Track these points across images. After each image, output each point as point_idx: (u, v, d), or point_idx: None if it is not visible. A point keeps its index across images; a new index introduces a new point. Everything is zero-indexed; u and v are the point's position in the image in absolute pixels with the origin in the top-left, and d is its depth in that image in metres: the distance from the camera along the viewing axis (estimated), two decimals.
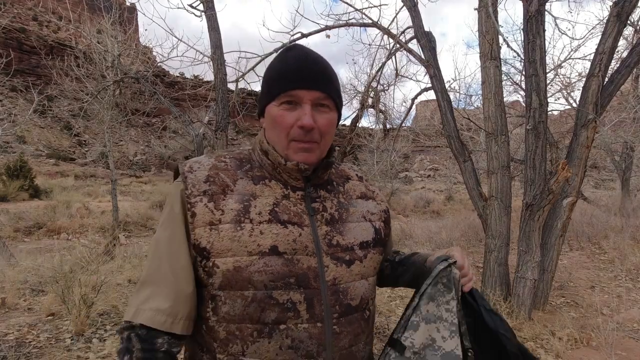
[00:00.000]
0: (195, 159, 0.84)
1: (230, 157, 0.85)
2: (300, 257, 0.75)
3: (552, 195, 3.41)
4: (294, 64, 0.78)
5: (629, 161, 10.51)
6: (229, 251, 0.72)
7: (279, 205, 0.78)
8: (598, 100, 3.44)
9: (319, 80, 0.78)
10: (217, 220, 0.74)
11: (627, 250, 5.94)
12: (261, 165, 0.83)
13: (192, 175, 0.78)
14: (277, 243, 0.74)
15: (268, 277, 0.72)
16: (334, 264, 0.78)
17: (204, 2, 4.78)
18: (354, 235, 0.83)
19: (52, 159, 37.23)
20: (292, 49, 0.82)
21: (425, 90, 5.16)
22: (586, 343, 3.09)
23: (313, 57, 0.81)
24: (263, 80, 0.84)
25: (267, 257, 0.73)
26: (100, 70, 7.54)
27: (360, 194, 0.92)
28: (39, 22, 59.32)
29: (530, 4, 3.41)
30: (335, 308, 0.77)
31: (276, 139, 0.80)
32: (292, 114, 0.77)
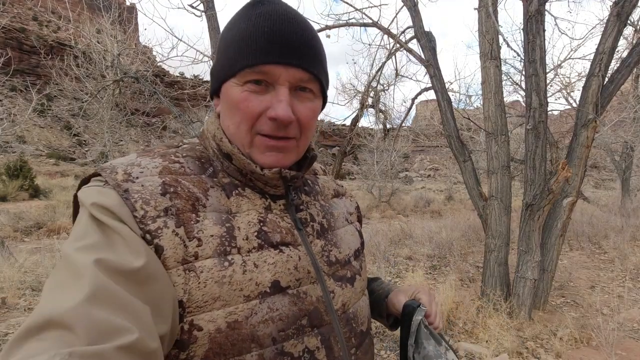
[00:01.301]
0: (128, 162, 0.54)
1: (184, 155, 0.59)
2: (307, 288, 0.57)
3: (552, 195, 3.41)
4: (267, 26, 0.54)
5: (629, 161, 10.52)
6: (216, 301, 0.49)
7: (266, 223, 0.58)
8: (598, 100, 3.44)
9: (303, 52, 0.55)
10: (193, 256, 0.50)
11: (627, 250, 5.94)
12: (223, 167, 0.60)
13: (137, 187, 0.50)
14: (278, 276, 0.55)
15: (276, 325, 0.52)
16: (338, 287, 0.62)
17: (204, 2, 4.78)
18: (347, 244, 0.68)
19: (52, 159, 37.23)
20: (262, 2, 0.56)
21: (425, 90, 5.16)
22: (586, 343, 3.09)
23: (293, 17, 0.56)
24: (219, 46, 0.59)
25: (269, 297, 0.53)
26: (100, 70, 7.54)
27: (334, 191, 0.76)
28: (39, 22, 59.35)
29: (530, 4, 3.40)
30: (351, 342, 0.62)
31: (234, 131, 0.57)
32: (261, 98, 0.55)
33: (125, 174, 0.51)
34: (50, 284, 0.43)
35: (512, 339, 3.02)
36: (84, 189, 0.52)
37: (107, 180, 0.50)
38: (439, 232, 7.61)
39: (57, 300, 0.39)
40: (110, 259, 0.43)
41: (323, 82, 0.60)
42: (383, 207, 16.32)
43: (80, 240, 0.45)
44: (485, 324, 3.31)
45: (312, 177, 0.74)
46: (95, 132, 9.75)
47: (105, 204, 0.47)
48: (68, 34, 9.30)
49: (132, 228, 0.47)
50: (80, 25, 7.93)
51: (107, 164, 0.54)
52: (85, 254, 0.43)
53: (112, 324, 0.39)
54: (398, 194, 19.04)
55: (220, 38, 0.60)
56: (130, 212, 0.48)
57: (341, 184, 0.81)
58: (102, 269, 0.42)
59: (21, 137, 39.59)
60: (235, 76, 0.55)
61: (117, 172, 0.51)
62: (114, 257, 0.44)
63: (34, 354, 0.35)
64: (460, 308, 3.59)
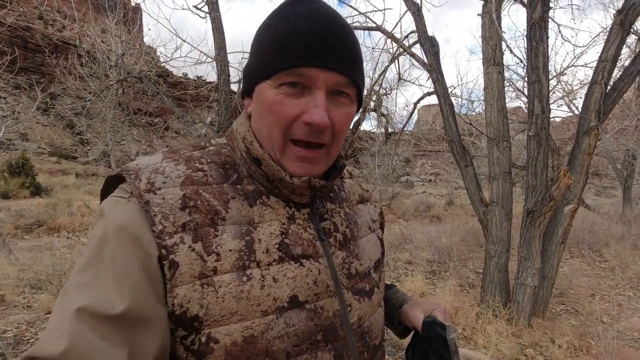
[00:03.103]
0: (153, 166, 0.54)
1: (209, 161, 0.57)
2: (324, 303, 0.56)
3: (553, 202, 3.40)
4: (306, 26, 0.51)
5: (630, 169, 10.49)
6: (233, 315, 0.50)
7: (288, 234, 0.56)
8: (600, 108, 3.44)
9: (343, 55, 0.53)
10: (212, 270, 0.50)
11: (628, 259, 5.92)
12: (250, 172, 0.58)
13: (158, 199, 0.50)
14: (297, 291, 0.54)
15: (292, 341, 0.52)
16: (356, 301, 0.61)
17: (209, 3, 4.80)
18: (368, 255, 0.66)
19: (54, 157, 37.30)
20: (302, 0, 0.54)
21: (427, 95, 5.16)
22: (586, 351, 3.07)
23: (334, 17, 0.54)
24: (254, 45, 0.57)
25: (286, 312, 0.52)
26: (104, 70, 7.58)
27: (359, 197, 0.74)
28: (44, 21, 59.68)
29: (534, 11, 3.41)
30: (363, 356, 0.61)
31: (266, 134, 0.56)
32: (296, 102, 0.53)
33: (148, 183, 0.51)
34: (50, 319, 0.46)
35: (511, 345, 3.01)
36: (110, 199, 0.52)
37: (131, 190, 0.51)
38: (439, 237, 7.59)
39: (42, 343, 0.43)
40: (93, 304, 0.45)
41: (360, 87, 0.58)
42: (383, 211, 16.29)
43: (79, 274, 0.48)
44: (485, 330, 3.30)
45: (339, 182, 0.71)
46: (98, 131, 9.77)
47: (125, 224, 0.49)
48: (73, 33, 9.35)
49: (148, 244, 0.48)
50: (85, 25, 7.97)
51: (133, 165, 0.54)
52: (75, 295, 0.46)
53: None
54: (399, 198, 19.03)
55: (255, 36, 0.58)
56: (149, 226, 0.49)
57: (366, 187, 0.78)
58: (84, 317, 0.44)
59: (24, 134, 39.73)
60: (270, 78, 0.53)
61: (141, 180, 0.51)
62: (97, 303, 0.45)
63: None
64: (459, 314, 3.58)
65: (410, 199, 20.81)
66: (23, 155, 18.21)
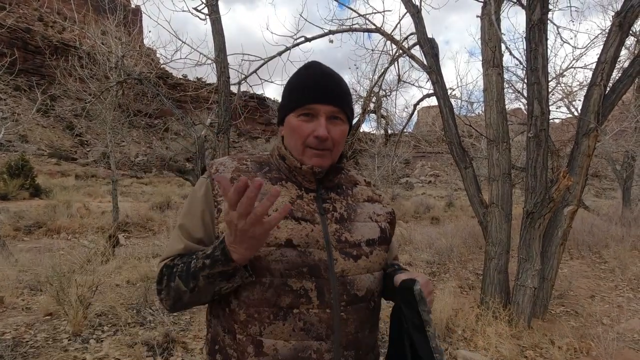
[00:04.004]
0: (221, 161, 0.94)
1: (252, 160, 0.95)
2: (312, 250, 0.83)
3: (552, 204, 3.41)
4: (312, 81, 0.88)
5: (630, 170, 10.49)
6: None
7: (294, 204, 0.87)
8: (600, 109, 3.44)
9: (334, 95, 0.88)
10: None
11: (627, 260, 5.92)
12: (278, 168, 0.93)
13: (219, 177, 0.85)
14: (292, 237, 0.83)
15: (284, 265, 0.81)
16: (342, 258, 0.86)
17: (209, 5, 4.81)
18: (361, 233, 0.92)
19: (53, 159, 37.26)
20: (310, 66, 0.92)
21: (427, 96, 5.17)
22: (586, 353, 3.07)
23: (329, 73, 0.90)
24: (284, 94, 0.94)
25: (282, 248, 0.81)
26: (104, 71, 7.58)
27: (367, 197, 1.01)
28: (44, 23, 59.71)
29: (533, 13, 3.42)
30: (343, 297, 0.85)
31: (293, 146, 0.89)
32: (309, 124, 0.87)
33: (215, 169, 0.90)
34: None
35: (511, 347, 3.00)
36: (201, 177, 0.93)
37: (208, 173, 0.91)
38: (439, 238, 7.59)
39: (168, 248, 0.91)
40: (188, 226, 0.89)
41: (348, 113, 0.91)
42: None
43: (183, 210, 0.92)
44: (484, 331, 3.29)
45: (350, 185, 1.00)
46: (98, 133, 9.76)
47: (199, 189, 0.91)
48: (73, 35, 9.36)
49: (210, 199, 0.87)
50: (86, 27, 7.98)
51: (213, 160, 0.96)
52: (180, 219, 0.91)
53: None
54: (398, 199, 19.02)
55: (285, 88, 0.93)
56: (211, 190, 0.88)
57: (380, 193, 1.05)
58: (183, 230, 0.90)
59: (24, 136, 39.68)
60: (293, 112, 0.88)
61: (213, 167, 0.91)
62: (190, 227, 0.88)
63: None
64: (459, 315, 3.58)
65: (410, 201, 20.80)
66: (23, 156, 18.20)
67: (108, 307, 3.57)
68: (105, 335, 3.13)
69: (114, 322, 3.36)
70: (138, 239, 9.50)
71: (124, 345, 2.92)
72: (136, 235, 10.35)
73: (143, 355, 2.79)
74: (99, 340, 3.03)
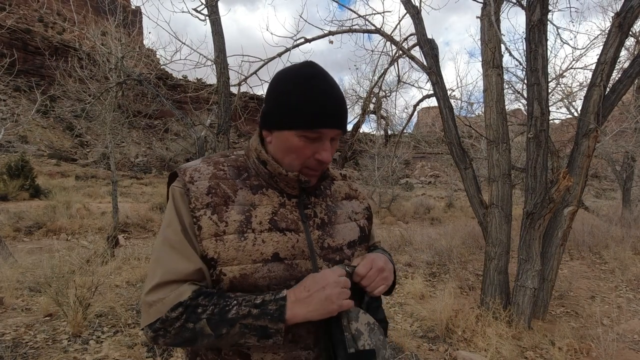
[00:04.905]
0: (194, 167, 0.85)
1: (228, 164, 0.87)
2: (299, 262, 0.81)
3: (552, 204, 3.40)
4: (322, 100, 0.78)
5: (630, 171, 10.48)
6: (234, 260, 0.77)
7: (277, 214, 0.83)
8: (599, 110, 3.44)
9: (342, 119, 0.82)
10: (222, 232, 0.78)
11: (627, 261, 5.91)
12: (257, 173, 0.86)
13: (194, 187, 0.81)
14: (278, 250, 0.80)
15: (271, 281, 0.78)
16: (326, 265, 0.85)
17: (208, 6, 4.81)
18: (342, 236, 0.90)
19: (53, 159, 37.26)
20: (315, 77, 0.80)
21: (427, 97, 5.17)
22: (586, 353, 3.07)
23: (337, 94, 0.81)
24: (280, 102, 0.80)
25: (270, 263, 0.78)
26: (104, 72, 7.58)
27: (345, 194, 0.98)
28: (44, 24, 59.73)
29: (533, 14, 3.42)
30: None
31: (288, 163, 0.83)
32: (312, 146, 0.80)
33: (190, 177, 0.82)
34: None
35: (511, 348, 3.00)
36: (172, 186, 0.84)
37: (180, 180, 0.83)
38: (439, 239, 7.59)
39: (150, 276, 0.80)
40: (167, 236, 0.80)
41: (346, 128, 0.86)
42: (383, 213, 16.28)
43: (163, 228, 0.82)
44: (484, 332, 3.29)
45: (328, 183, 0.97)
46: (97, 134, 9.75)
47: (177, 200, 0.81)
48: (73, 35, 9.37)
49: (185, 212, 0.80)
50: (85, 28, 7.98)
51: (184, 165, 0.86)
52: (162, 232, 0.82)
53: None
54: (398, 200, 19.01)
55: (276, 91, 0.81)
56: (187, 203, 0.80)
57: (356, 188, 1.03)
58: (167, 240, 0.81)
59: (23, 137, 39.68)
60: (293, 130, 0.79)
61: (186, 175, 0.83)
62: (169, 234, 0.80)
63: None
64: (459, 316, 3.57)
65: (410, 201, 20.80)
66: (22, 157, 18.18)
67: (108, 308, 3.56)
68: (105, 336, 3.12)
69: (114, 322, 3.35)
70: (138, 240, 9.50)
71: (123, 346, 2.92)
72: (136, 235, 10.35)
73: (143, 356, 2.79)
74: (99, 341, 3.02)
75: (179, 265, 0.76)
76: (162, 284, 0.76)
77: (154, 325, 0.74)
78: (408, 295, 4.55)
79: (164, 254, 0.78)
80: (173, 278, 0.76)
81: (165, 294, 0.75)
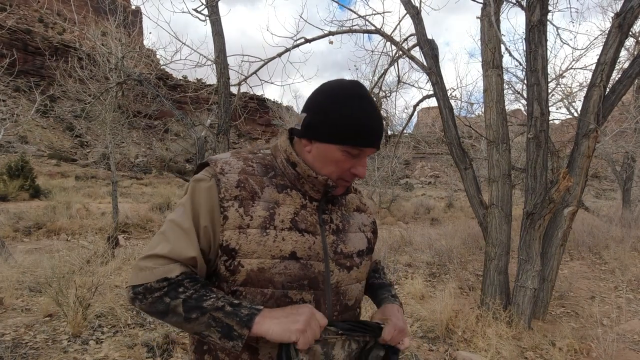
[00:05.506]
0: (224, 160, 0.88)
1: (257, 162, 0.90)
2: (313, 263, 0.85)
3: (552, 204, 3.40)
4: (368, 121, 0.83)
5: (630, 171, 10.48)
6: (254, 253, 0.80)
7: (299, 215, 0.86)
8: (599, 110, 3.44)
9: (380, 139, 0.88)
10: (246, 225, 0.81)
11: (627, 261, 5.91)
12: (284, 173, 0.90)
13: (225, 179, 0.84)
14: (296, 249, 0.83)
15: (286, 278, 0.82)
16: (337, 269, 0.88)
17: (209, 7, 4.81)
18: (353, 244, 0.94)
19: (53, 160, 37.26)
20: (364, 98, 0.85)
21: (427, 97, 5.17)
22: (586, 354, 3.07)
23: (379, 114, 0.87)
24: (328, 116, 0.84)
25: (287, 261, 0.82)
26: (104, 72, 7.58)
27: (356, 207, 1.03)
28: (45, 24, 59.75)
29: (533, 14, 3.43)
30: (336, 307, 0.88)
31: (324, 172, 0.87)
32: (351, 161, 0.86)
33: (221, 168, 0.85)
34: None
35: (511, 348, 3.00)
36: (199, 175, 0.86)
37: (212, 172, 0.85)
38: (439, 239, 7.59)
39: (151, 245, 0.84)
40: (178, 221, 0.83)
41: None
42: (383, 213, 16.28)
43: (175, 210, 0.85)
44: (485, 332, 3.29)
45: (343, 194, 1.00)
46: (97, 134, 9.75)
47: (199, 191, 0.84)
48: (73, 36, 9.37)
49: (214, 202, 0.82)
50: (86, 28, 7.98)
51: (215, 157, 0.89)
52: (172, 215, 0.85)
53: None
54: (398, 200, 19.01)
55: (325, 104, 0.84)
56: (217, 193, 0.82)
57: (365, 202, 1.08)
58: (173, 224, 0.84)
59: (23, 137, 39.68)
60: (339, 144, 0.83)
61: (217, 166, 0.85)
62: (182, 219, 0.83)
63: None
64: (459, 316, 3.57)
65: (410, 202, 20.80)
66: (22, 157, 18.18)
67: (108, 308, 3.56)
68: (105, 336, 3.12)
69: (114, 323, 3.35)
70: (138, 240, 9.49)
71: (123, 346, 2.91)
72: (136, 236, 10.34)
73: (143, 356, 2.79)
74: (99, 342, 3.02)
75: (182, 247, 0.80)
76: (160, 257, 0.79)
77: (137, 288, 0.78)
78: (408, 296, 4.55)
79: (172, 232, 0.81)
80: (171, 256, 0.79)
81: (157, 265, 0.78)
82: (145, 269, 0.78)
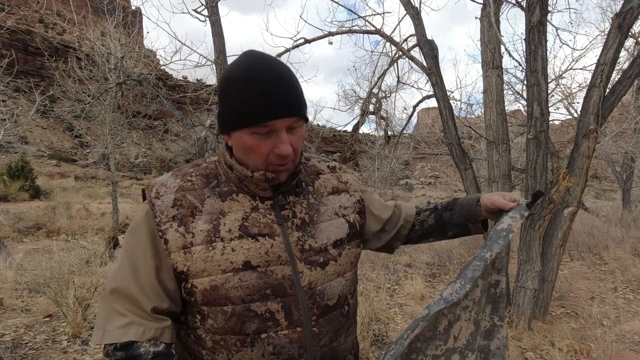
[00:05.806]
0: (162, 182, 0.82)
1: (197, 174, 0.83)
2: (274, 268, 0.77)
3: (552, 205, 3.40)
4: (266, 89, 0.71)
5: (629, 172, 10.49)
6: (203, 272, 0.74)
7: (248, 219, 0.78)
8: (599, 111, 3.44)
9: (293, 105, 0.74)
10: (189, 243, 0.75)
11: (627, 262, 5.91)
12: (228, 179, 0.82)
13: (159, 202, 0.78)
14: (250, 258, 0.76)
15: (244, 291, 0.75)
16: (308, 269, 0.80)
17: (208, 7, 4.81)
18: (326, 235, 0.84)
19: (53, 160, 37.24)
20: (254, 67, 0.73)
21: (426, 98, 5.17)
22: (586, 354, 3.06)
23: (280, 77, 0.73)
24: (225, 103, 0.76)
25: (241, 272, 0.75)
26: (103, 73, 7.59)
27: (332, 188, 0.91)
28: (45, 24, 59.74)
29: (532, 15, 3.43)
30: (313, 311, 0.80)
31: (252, 164, 0.78)
32: (268, 142, 0.74)
33: (156, 192, 0.79)
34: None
35: (511, 349, 3.00)
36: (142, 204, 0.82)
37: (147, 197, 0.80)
38: None
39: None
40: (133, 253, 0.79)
41: (304, 113, 0.77)
42: None
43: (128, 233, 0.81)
44: None
45: (310, 179, 0.90)
46: (97, 134, 9.75)
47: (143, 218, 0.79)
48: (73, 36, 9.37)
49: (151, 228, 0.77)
50: (85, 28, 7.99)
51: (154, 181, 0.83)
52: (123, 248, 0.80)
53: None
54: (398, 200, 18.99)
55: (225, 91, 0.76)
56: (153, 218, 0.77)
57: (346, 180, 0.95)
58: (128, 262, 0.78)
59: (23, 137, 39.69)
60: (243, 129, 0.74)
61: (152, 191, 0.80)
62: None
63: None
64: None
65: (410, 202, 20.77)
66: (22, 158, 18.18)
67: None
68: None
69: None
70: None
71: None
72: None
73: None
74: None
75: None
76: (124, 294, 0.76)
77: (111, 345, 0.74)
78: (408, 296, 4.55)
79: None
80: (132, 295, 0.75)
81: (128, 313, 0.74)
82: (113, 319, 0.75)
